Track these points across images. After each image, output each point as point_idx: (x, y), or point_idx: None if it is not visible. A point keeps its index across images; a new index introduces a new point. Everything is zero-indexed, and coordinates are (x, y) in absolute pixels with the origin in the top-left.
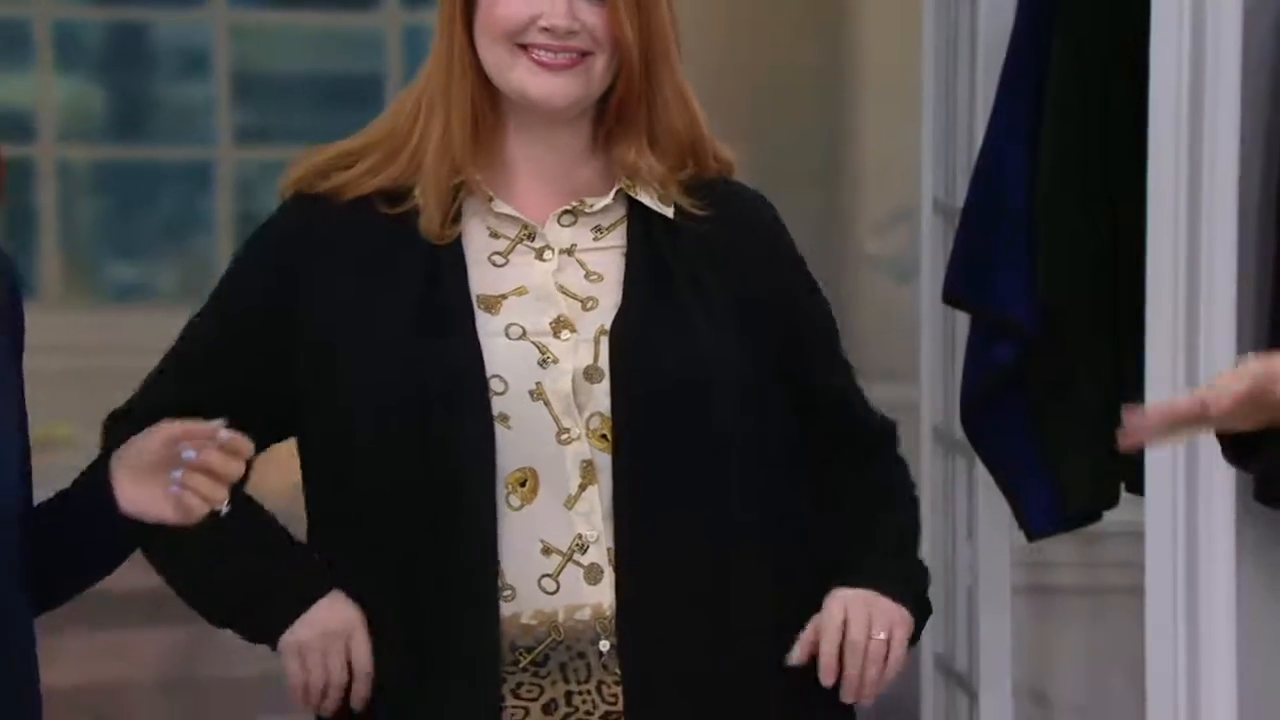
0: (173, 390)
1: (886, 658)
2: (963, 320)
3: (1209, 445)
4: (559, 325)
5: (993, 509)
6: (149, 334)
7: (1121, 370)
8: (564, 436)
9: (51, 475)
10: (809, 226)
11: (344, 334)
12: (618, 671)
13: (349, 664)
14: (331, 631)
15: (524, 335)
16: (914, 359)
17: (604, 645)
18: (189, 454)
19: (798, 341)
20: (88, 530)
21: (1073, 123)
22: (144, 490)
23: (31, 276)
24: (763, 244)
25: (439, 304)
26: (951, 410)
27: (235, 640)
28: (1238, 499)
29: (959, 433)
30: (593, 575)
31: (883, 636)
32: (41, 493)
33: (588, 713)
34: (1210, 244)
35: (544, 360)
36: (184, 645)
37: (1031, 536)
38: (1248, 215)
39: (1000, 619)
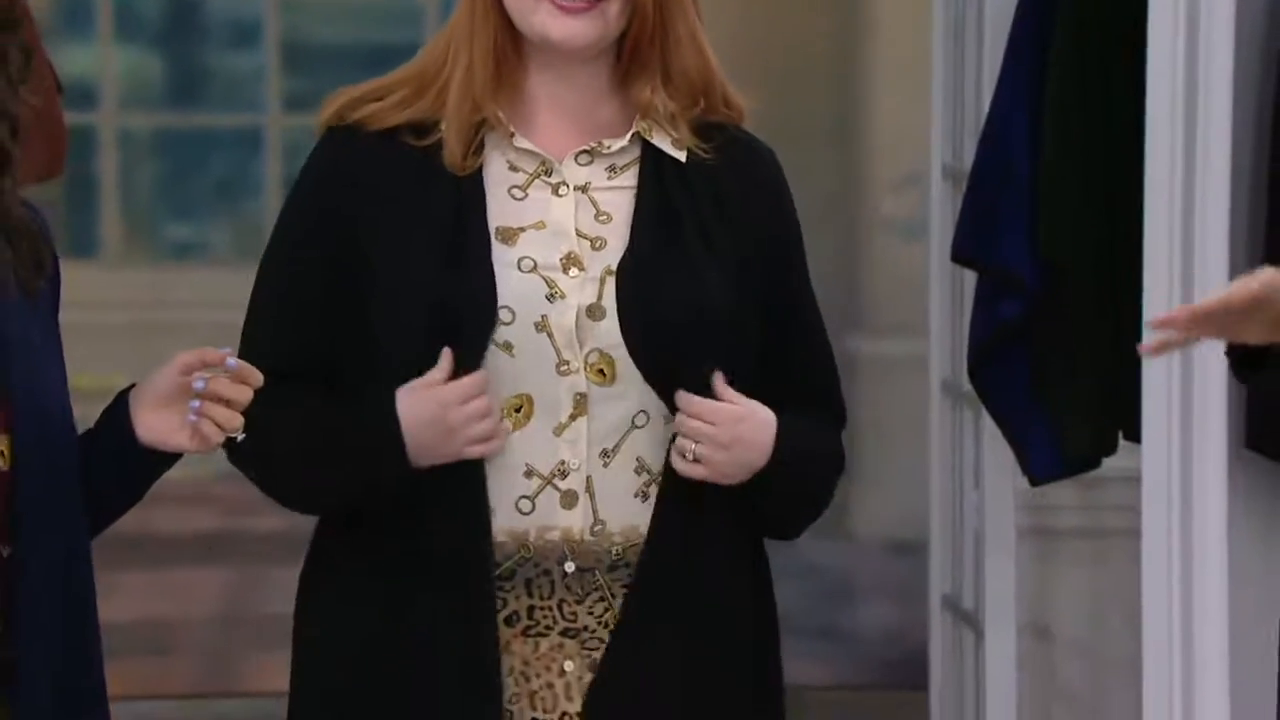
0: (267, 348)
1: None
2: (970, 278)
3: (1202, 396)
4: (569, 262)
5: (998, 456)
6: (203, 290)
7: (1120, 325)
8: (563, 368)
9: None
10: (824, 189)
11: (381, 264)
12: (579, 591)
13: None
14: (456, 422)
15: (535, 269)
16: (923, 315)
17: (569, 566)
18: (199, 384)
19: (783, 299)
20: (111, 465)
21: (1075, 90)
22: (162, 420)
23: (94, 237)
24: (767, 197)
25: (461, 235)
26: (959, 363)
27: (288, 577)
28: (1229, 446)
29: (966, 385)
30: (568, 500)
31: (700, 451)
32: None
33: (547, 627)
34: (1204, 206)
35: (551, 294)
36: (235, 583)
37: (1034, 482)
38: (1240, 179)
39: (1005, 560)
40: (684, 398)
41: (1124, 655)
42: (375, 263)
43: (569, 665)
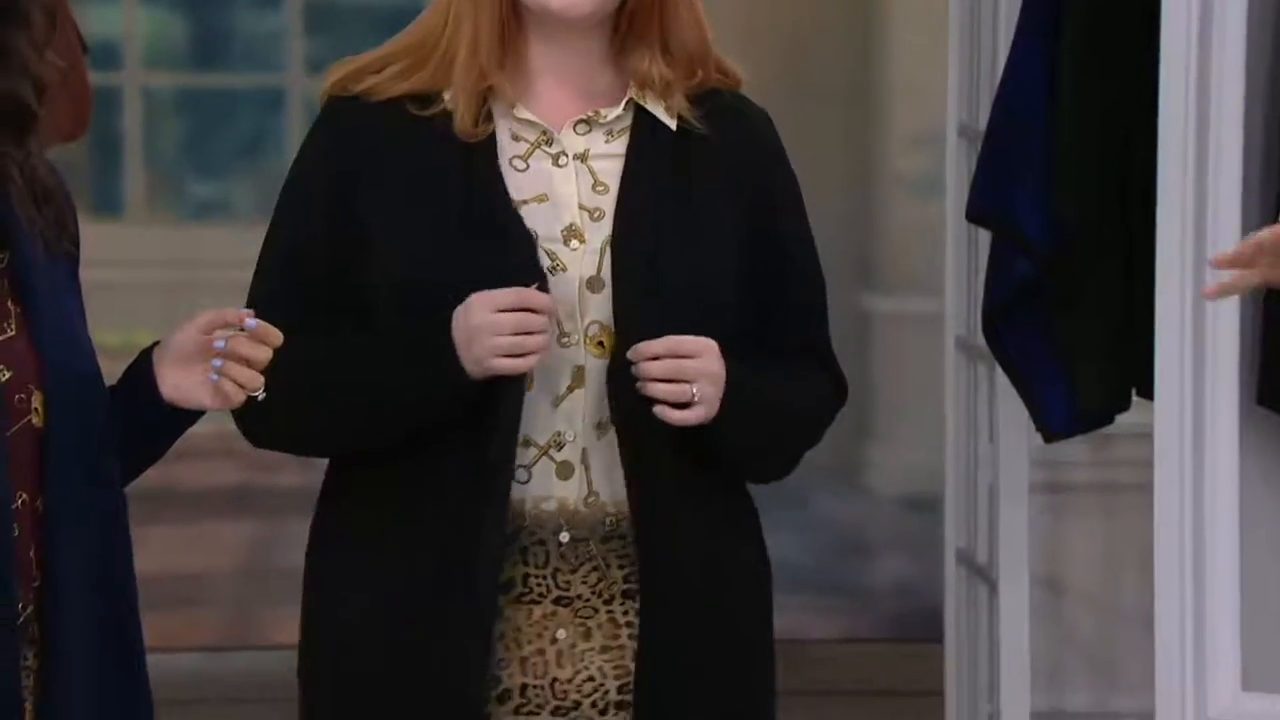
0: (278, 316)
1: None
2: (985, 236)
3: (1214, 352)
4: (569, 234)
5: (1012, 412)
6: (227, 248)
7: (1134, 282)
8: (564, 340)
9: None
10: (840, 147)
11: (392, 231)
12: (573, 560)
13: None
14: (478, 325)
15: (538, 240)
16: (939, 272)
17: (564, 536)
18: (220, 343)
19: (772, 252)
20: (135, 421)
21: (1090, 48)
22: (185, 378)
23: (118, 196)
24: (757, 155)
25: (481, 204)
26: (974, 320)
27: (306, 531)
28: (1241, 403)
29: (980, 341)
30: (564, 471)
31: (697, 393)
32: None
33: (541, 595)
34: (1218, 163)
35: (553, 267)
36: (259, 537)
37: (1048, 438)
38: (1254, 131)
39: (1019, 515)
40: (654, 344)
41: (1136, 608)
42: (382, 231)
43: (561, 633)
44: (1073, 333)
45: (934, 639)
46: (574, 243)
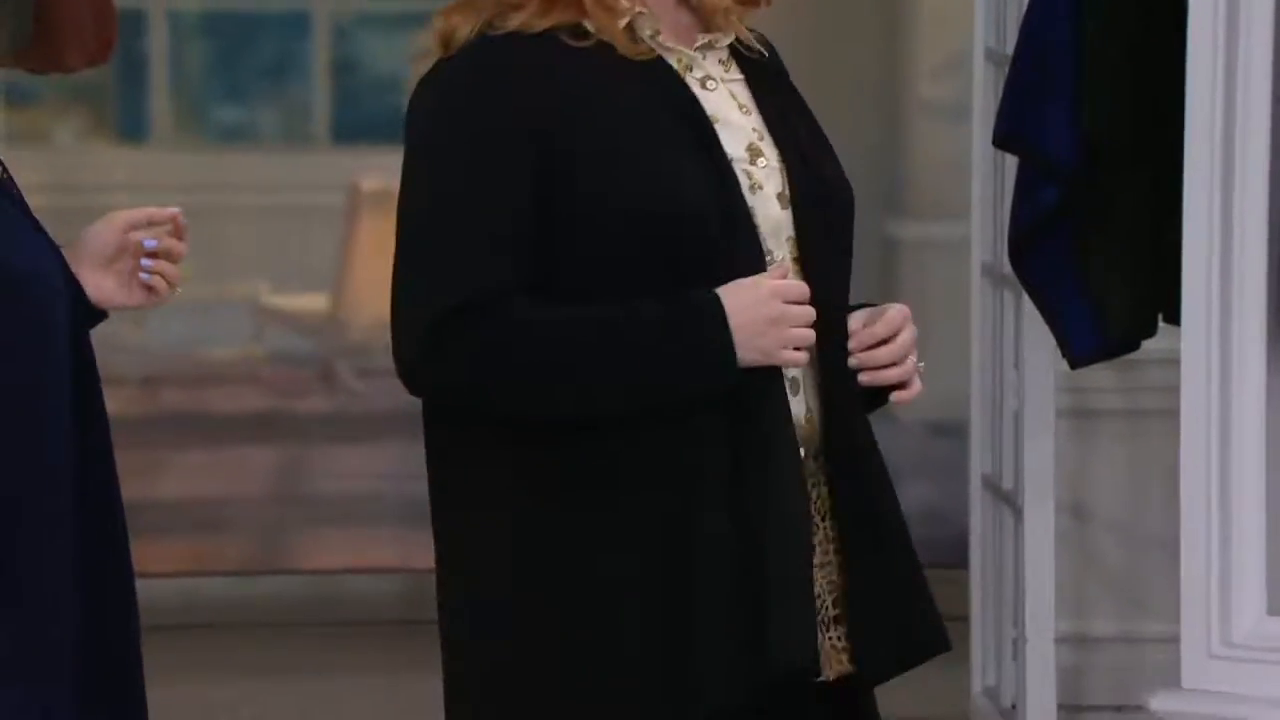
0: (506, 271)
1: (909, 386)
2: (1012, 161)
3: (1241, 278)
4: (753, 152)
5: (1038, 338)
6: (252, 173)
7: (1160, 208)
8: (769, 259)
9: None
10: (868, 72)
11: (620, 164)
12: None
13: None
14: (776, 317)
15: (732, 162)
16: (965, 198)
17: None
18: (151, 243)
19: None
20: None
21: None
22: (108, 279)
23: (143, 120)
24: (791, 82)
25: (690, 127)
26: (1000, 247)
27: (337, 456)
28: (1269, 328)
29: (1007, 268)
30: (793, 388)
31: (921, 365)
32: (157, 324)
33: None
34: (1247, 85)
35: (751, 186)
36: (284, 463)
37: (1074, 364)
38: None
39: (1044, 441)
40: (875, 329)
41: (1162, 534)
42: (608, 165)
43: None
44: (1099, 259)
45: (959, 564)
46: (760, 160)
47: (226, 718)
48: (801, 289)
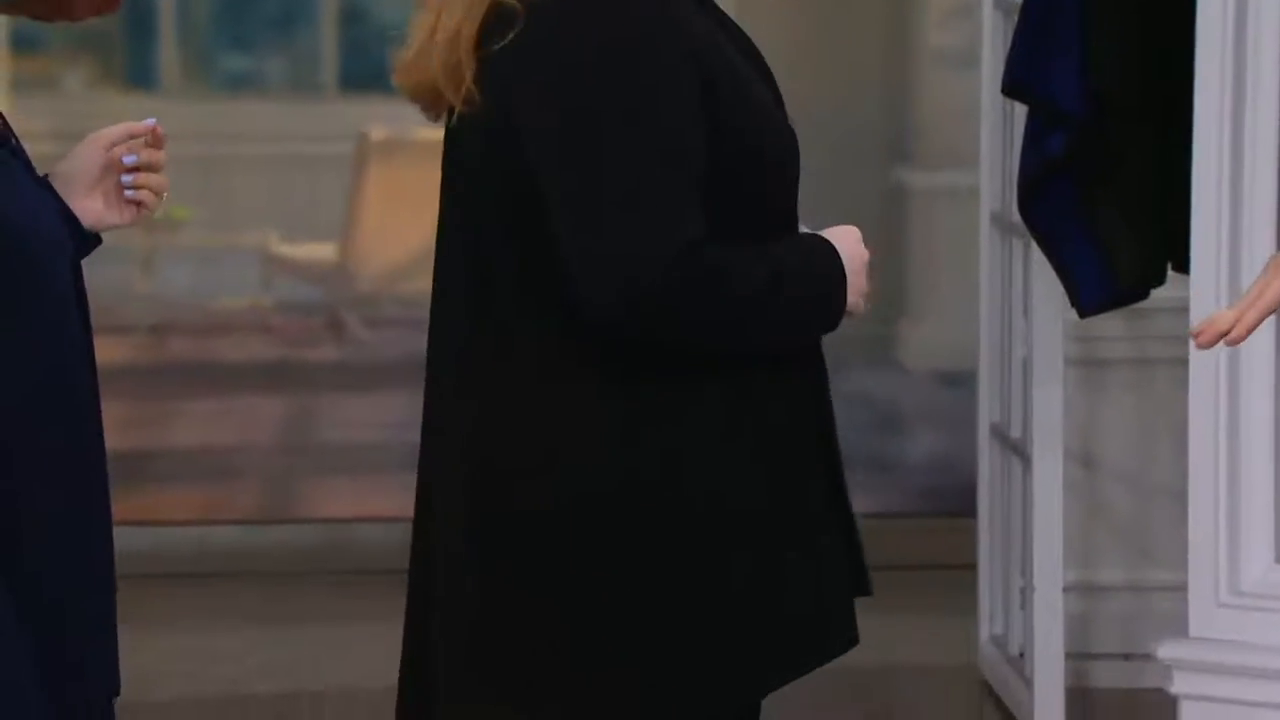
0: (695, 215)
1: None
2: (1021, 109)
3: (1250, 226)
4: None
5: (1046, 287)
6: (260, 121)
7: (1169, 156)
8: None
9: (173, 255)
10: (877, 20)
11: (747, 101)
12: None
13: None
14: (861, 266)
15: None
16: (974, 146)
17: None
18: (131, 158)
19: None
20: None
21: None
22: (95, 202)
23: (151, 69)
24: None
25: (739, 50)
26: (1009, 195)
27: (345, 406)
28: None
29: (1015, 216)
30: None
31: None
32: (165, 272)
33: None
34: (1258, 32)
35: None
36: (295, 411)
37: (1083, 314)
38: None
39: (1053, 389)
40: None
41: (1170, 483)
42: (738, 102)
43: None
44: (1108, 208)
45: (967, 513)
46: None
47: (235, 666)
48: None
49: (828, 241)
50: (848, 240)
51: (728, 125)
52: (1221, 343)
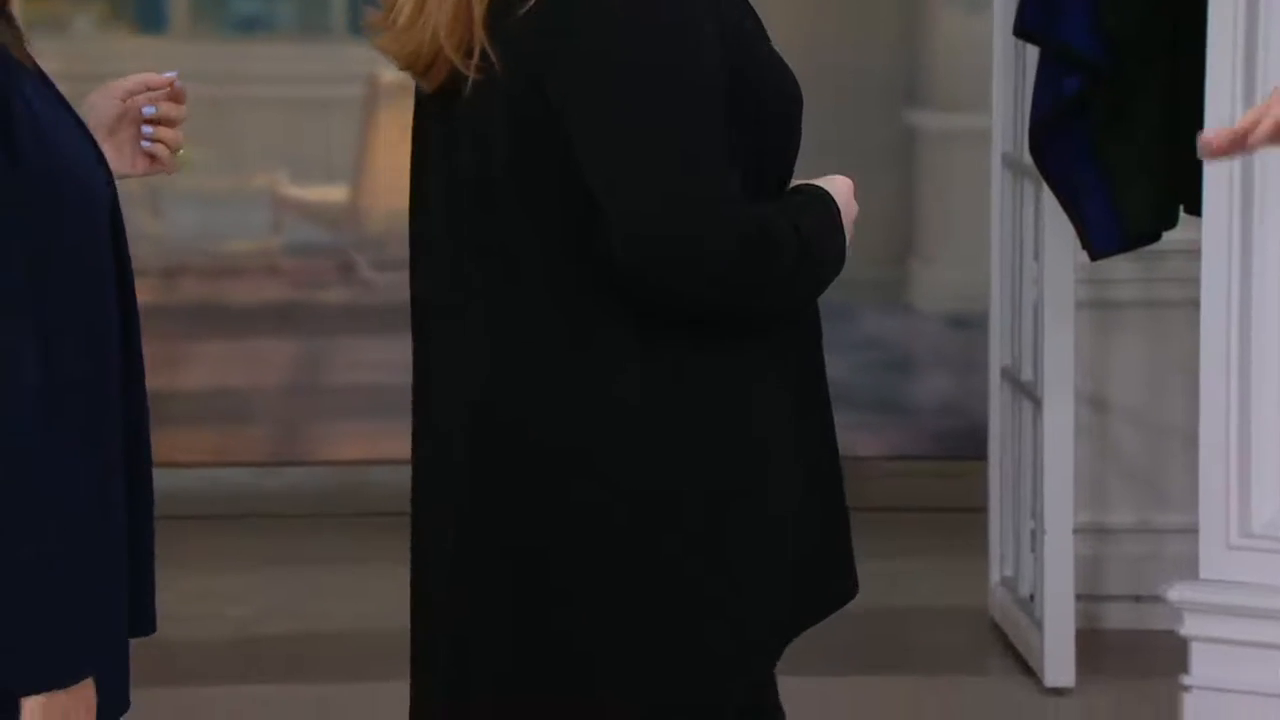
0: (728, 167)
1: None
2: (1033, 52)
3: (1263, 169)
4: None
5: (1058, 229)
6: (270, 64)
7: (1181, 99)
8: None
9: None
10: None
11: (761, 50)
12: None
13: None
14: (851, 202)
15: None
16: (986, 89)
17: None
18: (149, 109)
19: None
20: None
21: None
22: (111, 152)
23: (161, 11)
24: None
25: (743, 7)
26: (1020, 138)
27: (356, 348)
28: None
29: (1027, 159)
30: None
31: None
32: (175, 215)
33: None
34: None
35: None
36: (305, 354)
37: (1095, 257)
38: None
39: (1064, 332)
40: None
41: (1181, 425)
42: (755, 51)
43: None
44: (1120, 150)
45: (978, 456)
46: None
47: (245, 608)
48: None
49: (827, 193)
50: (844, 192)
51: (742, 78)
52: (1228, 149)
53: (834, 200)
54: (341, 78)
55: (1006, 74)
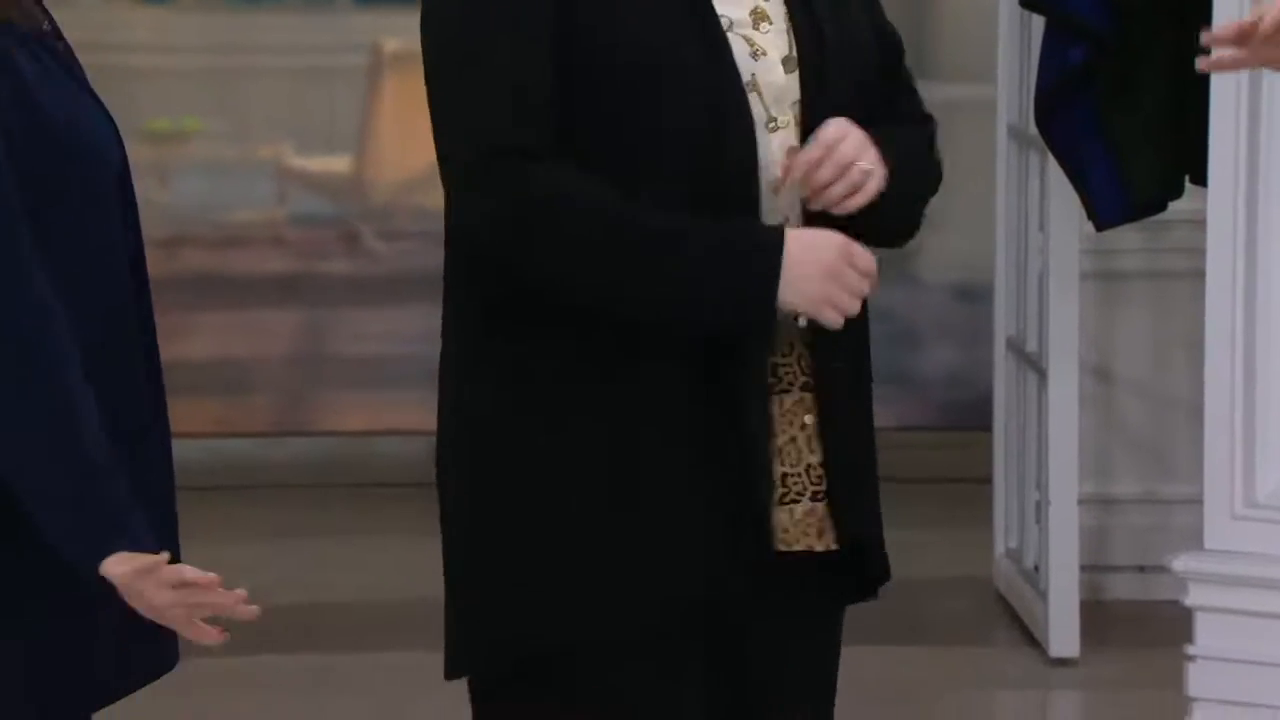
0: (543, 120)
1: (860, 190)
2: (1038, 23)
3: (1269, 138)
4: (758, 17)
5: (1063, 200)
6: (275, 34)
7: (1187, 70)
8: (772, 125)
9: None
10: None
11: (620, 21)
12: (813, 344)
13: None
14: (837, 274)
15: (731, 27)
16: (992, 60)
17: (802, 320)
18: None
19: (881, 22)
20: None
21: None
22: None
23: None
24: None
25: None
26: (1026, 108)
27: (360, 319)
28: None
29: (1033, 130)
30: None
31: (866, 166)
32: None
33: (789, 384)
34: None
35: (754, 52)
36: (308, 324)
37: (1099, 227)
38: None
39: (1069, 303)
40: (809, 153)
41: (1186, 396)
42: (609, 21)
43: (808, 419)
44: (1125, 120)
45: (983, 427)
46: (764, 25)
47: (250, 578)
48: (870, 261)
49: (777, 229)
50: (809, 236)
51: (593, 43)
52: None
53: (779, 242)
54: (346, 47)
55: (1012, 45)
